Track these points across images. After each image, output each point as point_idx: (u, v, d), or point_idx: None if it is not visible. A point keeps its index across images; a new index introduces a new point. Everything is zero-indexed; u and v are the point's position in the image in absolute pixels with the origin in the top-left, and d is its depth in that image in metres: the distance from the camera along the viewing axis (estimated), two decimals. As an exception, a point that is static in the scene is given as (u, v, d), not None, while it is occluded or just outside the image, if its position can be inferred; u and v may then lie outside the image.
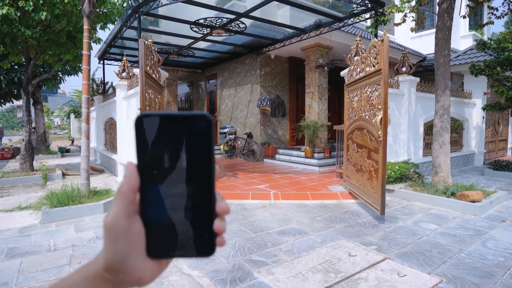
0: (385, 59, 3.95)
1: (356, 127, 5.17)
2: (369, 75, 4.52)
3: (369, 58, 4.52)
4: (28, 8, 6.01)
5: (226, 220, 0.40)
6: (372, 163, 4.42)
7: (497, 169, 7.61)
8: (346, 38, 8.64)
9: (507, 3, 5.96)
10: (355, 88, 5.18)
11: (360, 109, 4.94)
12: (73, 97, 27.12)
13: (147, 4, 5.87)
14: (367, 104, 4.68)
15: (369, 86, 4.59)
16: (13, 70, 11.77)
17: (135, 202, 0.38)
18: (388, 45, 3.95)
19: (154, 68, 5.30)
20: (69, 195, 4.67)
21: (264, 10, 6.81)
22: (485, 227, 3.91)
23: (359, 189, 4.95)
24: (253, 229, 3.83)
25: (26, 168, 7.61)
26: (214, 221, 0.39)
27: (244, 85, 10.60)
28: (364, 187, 4.73)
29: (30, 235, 3.75)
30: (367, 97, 4.68)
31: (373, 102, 4.46)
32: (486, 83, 9.39)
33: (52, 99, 45.83)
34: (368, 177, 4.55)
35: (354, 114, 5.26)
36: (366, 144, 4.69)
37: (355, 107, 5.22)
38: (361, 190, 4.84)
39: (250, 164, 9.39)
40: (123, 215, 0.37)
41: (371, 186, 4.42)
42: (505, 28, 21.82)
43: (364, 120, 4.78)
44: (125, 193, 0.37)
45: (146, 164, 0.37)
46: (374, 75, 4.36)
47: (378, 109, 4.27)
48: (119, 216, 0.37)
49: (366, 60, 4.64)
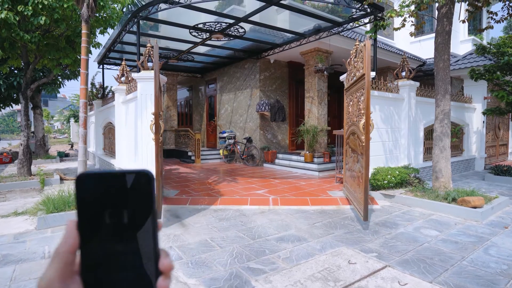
0: (367, 64, 3.94)
1: (350, 132, 5.15)
2: (358, 79, 4.50)
3: (358, 62, 4.51)
4: (27, 13, 5.99)
5: (171, 277, 0.39)
6: (360, 167, 4.38)
7: (498, 174, 7.55)
8: (345, 42, 8.64)
9: (506, 8, 5.95)
10: (350, 92, 5.18)
11: (354, 114, 4.93)
12: (73, 102, 27.14)
13: (146, 9, 5.87)
14: (357, 108, 4.67)
15: (358, 90, 4.58)
16: (12, 74, 11.76)
17: (73, 263, 0.37)
18: (369, 49, 3.96)
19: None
20: (65, 200, 4.62)
21: (264, 14, 6.82)
22: (487, 234, 3.85)
23: (351, 194, 4.92)
24: (251, 236, 3.77)
25: (23, 173, 7.56)
26: (158, 280, 0.38)
27: (244, 90, 10.58)
28: (355, 192, 4.69)
29: (25, 241, 3.70)
30: (357, 101, 4.67)
31: (360, 106, 4.45)
32: (486, 87, 9.37)
33: (53, 103, 45.90)
34: (357, 182, 4.52)
35: (350, 119, 5.25)
36: (356, 148, 4.67)
37: (350, 112, 5.20)
38: (352, 195, 4.80)
39: (250, 169, 9.33)
40: (58, 277, 0.35)
41: (359, 191, 4.38)
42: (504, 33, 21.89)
43: (355, 124, 4.77)
44: (62, 254, 0.36)
45: (87, 223, 0.37)
46: (361, 80, 4.34)
47: (361, 114, 4.25)
48: (54, 279, 0.35)
49: (356, 65, 4.64)
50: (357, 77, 4.60)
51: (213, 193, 5.83)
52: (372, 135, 5.87)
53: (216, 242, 3.58)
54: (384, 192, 5.59)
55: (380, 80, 6.28)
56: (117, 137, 7.20)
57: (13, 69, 11.60)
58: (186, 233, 3.91)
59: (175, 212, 4.85)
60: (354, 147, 4.77)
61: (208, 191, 6.05)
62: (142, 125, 5.56)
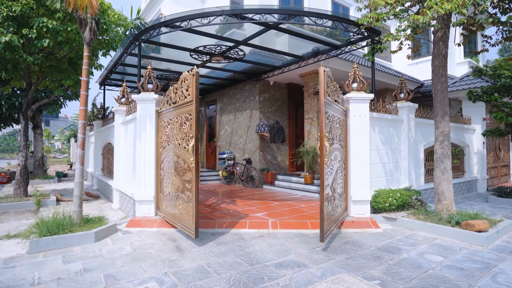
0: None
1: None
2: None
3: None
4: (32, 36, 6.12)
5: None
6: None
7: (501, 196, 7.43)
8: (344, 65, 8.77)
9: (500, 32, 6.07)
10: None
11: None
12: (74, 122, 27.36)
13: (148, 32, 5.99)
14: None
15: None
16: (14, 95, 11.90)
17: None
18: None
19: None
20: (59, 223, 4.51)
21: (263, 38, 6.96)
22: (494, 260, 3.71)
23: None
24: (250, 261, 3.64)
25: (20, 194, 7.45)
26: None
27: (243, 111, 10.64)
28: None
29: (15, 266, 3.56)
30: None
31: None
32: (484, 108, 9.42)
33: (54, 123, 46.25)
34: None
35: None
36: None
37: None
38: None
39: (249, 190, 9.21)
40: None
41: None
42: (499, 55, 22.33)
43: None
44: None
45: None
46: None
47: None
48: None
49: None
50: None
51: (211, 216, 5.71)
52: (372, 157, 5.83)
53: (213, 268, 3.45)
54: (385, 215, 5.47)
55: (379, 101, 6.31)
56: (115, 157, 7.16)
57: (16, 89, 11.74)
58: (182, 258, 3.77)
59: (171, 236, 4.72)
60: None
61: (206, 213, 5.93)
62: (140, 146, 5.53)
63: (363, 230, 5.00)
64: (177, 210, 4.80)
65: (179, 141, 4.76)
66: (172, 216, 4.98)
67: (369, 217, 5.39)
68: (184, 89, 4.63)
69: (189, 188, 4.41)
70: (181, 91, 4.71)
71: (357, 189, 5.44)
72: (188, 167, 4.46)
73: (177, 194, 4.82)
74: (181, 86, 4.70)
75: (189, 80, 4.47)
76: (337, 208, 4.85)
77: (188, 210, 4.42)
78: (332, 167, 4.58)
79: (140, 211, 5.48)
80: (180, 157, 4.72)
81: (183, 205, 4.62)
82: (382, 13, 5.06)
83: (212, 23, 5.54)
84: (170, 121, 5.12)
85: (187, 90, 4.54)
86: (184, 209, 4.58)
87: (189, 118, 4.51)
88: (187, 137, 4.54)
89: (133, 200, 5.68)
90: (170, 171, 5.08)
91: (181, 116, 4.72)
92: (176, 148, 4.86)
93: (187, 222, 4.47)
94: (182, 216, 4.62)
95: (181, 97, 4.72)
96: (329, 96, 4.51)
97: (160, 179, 5.49)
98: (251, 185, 9.80)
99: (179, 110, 4.79)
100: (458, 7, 4.28)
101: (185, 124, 4.61)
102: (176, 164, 4.88)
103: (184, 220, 4.57)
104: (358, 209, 5.44)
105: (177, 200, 4.81)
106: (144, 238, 4.61)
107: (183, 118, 4.66)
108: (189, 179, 4.40)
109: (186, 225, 4.48)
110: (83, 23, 5.08)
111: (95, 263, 3.63)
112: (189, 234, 4.39)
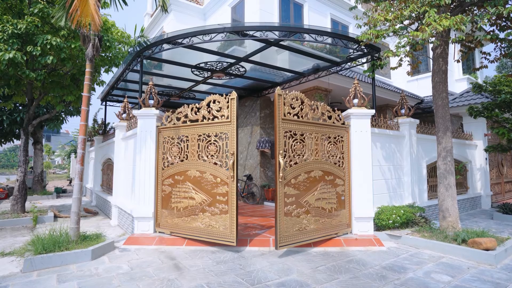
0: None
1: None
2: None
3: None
4: (36, 53, 6.20)
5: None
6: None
7: (507, 213, 7.30)
8: (344, 81, 8.83)
9: (499, 49, 6.13)
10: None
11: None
12: (75, 137, 27.42)
13: (150, 49, 6.06)
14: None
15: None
16: (16, 110, 11.95)
17: None
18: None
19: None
20: (55, 240, 4.40)
21: (264, 54, 7.03)
22: (504, 280, 3.58)
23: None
24: (251, 281, 3.52)
25: (17, 210, 7.34)
26: None
27: (244, 127, 10.64)
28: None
29: (7, 286, 3.44)
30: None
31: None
32: (485, 124, 9.40)
33: (56, 139, 46.41)
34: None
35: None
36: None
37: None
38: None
39: (250, 207, 9.08)
40: None
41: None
42: (497, 72, 22.57)
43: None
44: None
45: None
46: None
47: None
48: None
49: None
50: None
51: (211, 233, 5.58)
52: (374, 173, 5.76)
53: (212, 287, 3.33)
54: (389, 233, 5.35)
55: (379, 117, 6.30)
56: (115, 173, 7.09)
57: (18, 105, 11.81)
58: (181, 277, 3.65)
59: (170, 254, 4.59)
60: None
61: (206, 230, 5.80)
62: (140, 161, 5.48)
63: (366, 248, 4.87)
64: (201, 223, 4.97)
65: (205, 158, 5.06)
66: (190, 230, 5.09)
67: (372, 235, 5.26)
68: (215, 110, 4.99)
69: (224, 201, 4.77)
70: (208, 111, 5.09)
71: (359, 205, 5.34)
72: (222, 181, 4.84)
73: (201, 208, 5.01)
74: (208, 106, 5.06)
75: (222, 102, 4.94)
76: (325, 224, 5.12)
77: (225, 221, 4.75)
78: (306, 182, 4.92)
79: (138, 228, 5.37)
80: (207, 172, 5.02)
81: (212, 218, 4.89)
82: (381, 30, 5.12)
83: (213, 40, 5.60)
84: (186, 138, 5.32)
85: (219, 111, 4.96)
86: (214, 220, 4.86)
87: (222, 136, 4.94)
88: (219, 154, 4.94)
89: (132, 217, 5.58)
90: (187, 186, 5.23)
91: (208, 134, 5.08)
92: (200, 165, 5.10)
93: (220, 233, 4.78)
94: (211, 228, 4.88)
95: (207, 117, 5.12)
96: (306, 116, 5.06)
97: (164, 195, 5.40)
98: (252, 201, 9.67)
99: (207, 129, 5.09)
100: (457, 24, 4.33)
101: (216, 142, 5.00)
102: (199, 179, 5.07)
103: (214, 232, 4.84)
104: (361, 226, 5.33)
105: (199, 213, 5.03)
106: (142, 256, 4.49)
107: (213, 136, 5.03)
108: (223, 192, 4.79)
109: (219, 236, 4.79)
110: (86, 39, 5.14)
111: (91, 283, 3.51)
112: (225, 243, 4.73)
